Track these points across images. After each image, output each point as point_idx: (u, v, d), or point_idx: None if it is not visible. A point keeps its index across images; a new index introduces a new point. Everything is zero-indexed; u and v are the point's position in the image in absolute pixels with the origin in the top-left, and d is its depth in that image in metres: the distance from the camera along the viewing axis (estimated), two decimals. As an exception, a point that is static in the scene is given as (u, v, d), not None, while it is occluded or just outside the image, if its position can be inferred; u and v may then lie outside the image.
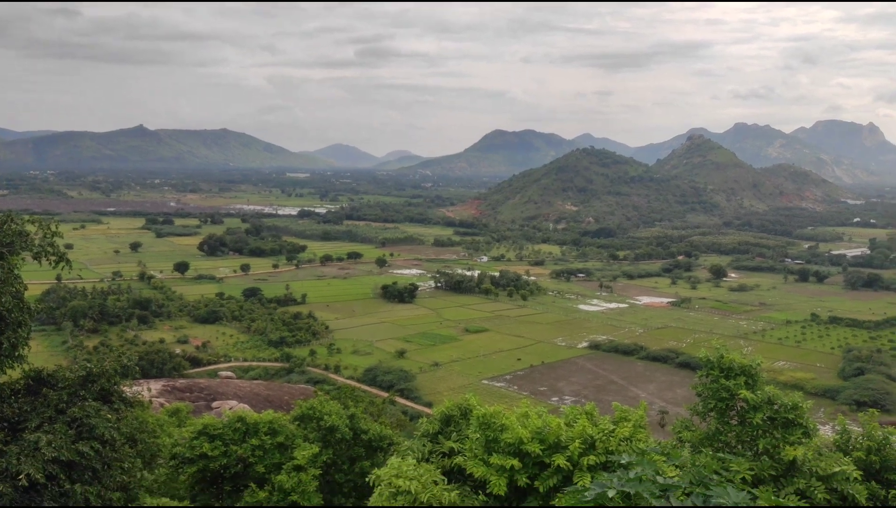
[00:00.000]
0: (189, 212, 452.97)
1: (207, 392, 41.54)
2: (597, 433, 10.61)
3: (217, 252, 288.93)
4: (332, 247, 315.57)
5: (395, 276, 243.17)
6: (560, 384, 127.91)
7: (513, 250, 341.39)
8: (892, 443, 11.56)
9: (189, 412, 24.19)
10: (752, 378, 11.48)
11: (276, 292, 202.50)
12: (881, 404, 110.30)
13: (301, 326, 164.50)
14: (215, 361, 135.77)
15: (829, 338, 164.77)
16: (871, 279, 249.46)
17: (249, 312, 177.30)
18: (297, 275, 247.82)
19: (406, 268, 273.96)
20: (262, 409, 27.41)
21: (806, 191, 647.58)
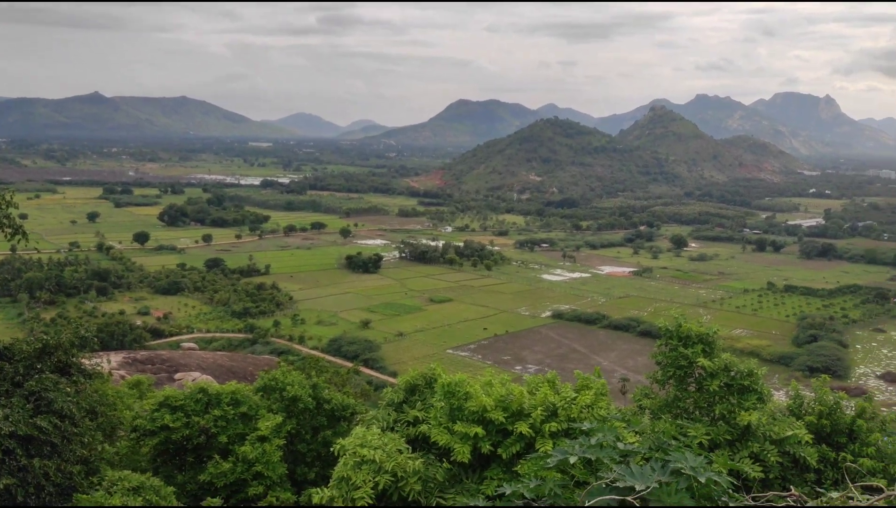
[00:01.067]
0: (148, 181, 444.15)
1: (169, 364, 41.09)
2: (559, 401, 10.75)
3: (178, 222, 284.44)
4: (295, 217, 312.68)
5: (360, 246, 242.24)
6: (523, 353, 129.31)
7: (477, 220, 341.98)
8: (842, 408, 11.91)
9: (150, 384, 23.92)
10: (710, 346, 11.70)
11: (239, 262, 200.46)
12: (833, 369, 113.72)
13: (265, 297, 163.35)
14: (177, 332, 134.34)
15: (784, 306, 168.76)
16: (826, 249, 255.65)
17: (212, 283, 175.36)
18: (260, 245, 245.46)
19: (370, 238, 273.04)
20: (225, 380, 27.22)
21: (764, 162, 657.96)
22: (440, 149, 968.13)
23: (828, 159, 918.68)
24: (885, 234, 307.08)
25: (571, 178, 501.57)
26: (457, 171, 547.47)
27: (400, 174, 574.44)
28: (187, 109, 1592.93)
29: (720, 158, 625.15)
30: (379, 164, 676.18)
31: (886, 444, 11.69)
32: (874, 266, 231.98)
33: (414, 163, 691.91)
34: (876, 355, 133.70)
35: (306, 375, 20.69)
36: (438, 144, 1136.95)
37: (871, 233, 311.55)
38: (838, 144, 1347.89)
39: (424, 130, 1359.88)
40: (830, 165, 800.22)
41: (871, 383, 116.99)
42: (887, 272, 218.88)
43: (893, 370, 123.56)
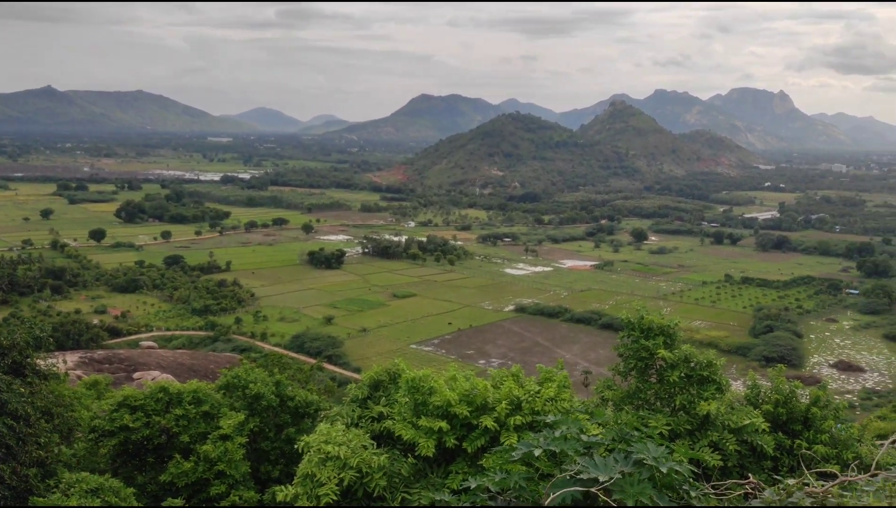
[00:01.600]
0: (104, 177, 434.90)
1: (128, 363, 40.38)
2: (523, 395, 10.82)
3: (135, 219, 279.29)
4: (256, 213, 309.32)
5: (322, 242, 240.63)
6: (487, 348, 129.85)
7: (440, 215, 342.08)
8: (798, 396, 12.19)
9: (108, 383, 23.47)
10: (670, 338, 11.87)
11: (199, 259, 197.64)
12: (788, 359, 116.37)
13: (226, 293, 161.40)
14: (136, 331, 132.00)
15: (741, 298, 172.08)
16: (780, 241, 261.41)
17: (172, 280, 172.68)
18: (221, 242, 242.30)
19: (333, 234, 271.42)
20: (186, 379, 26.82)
21: (721, 156, 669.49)
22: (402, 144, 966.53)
23: (782, 154, 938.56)
24: (837, 226, 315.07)
25: (533, 172, 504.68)
26: (419, 166, 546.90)
27: (362, 169, 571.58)
28: (144, 103, 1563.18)
29: (679, 152, 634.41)
30: (341, 159, 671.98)
31: (839, 431, 12.00)
32: (827, 258, 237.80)
33: (376, 158, 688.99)
34: (829, 344, 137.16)
35: (269, 372, 20.51)
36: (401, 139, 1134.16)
37: (823, 225, 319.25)
38: (792, 139, 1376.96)
39: (386, 125, 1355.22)
40: (785, 159, 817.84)
41: (824, 371, 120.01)
42: (839, 264, 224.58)
43: (846, 359, 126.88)
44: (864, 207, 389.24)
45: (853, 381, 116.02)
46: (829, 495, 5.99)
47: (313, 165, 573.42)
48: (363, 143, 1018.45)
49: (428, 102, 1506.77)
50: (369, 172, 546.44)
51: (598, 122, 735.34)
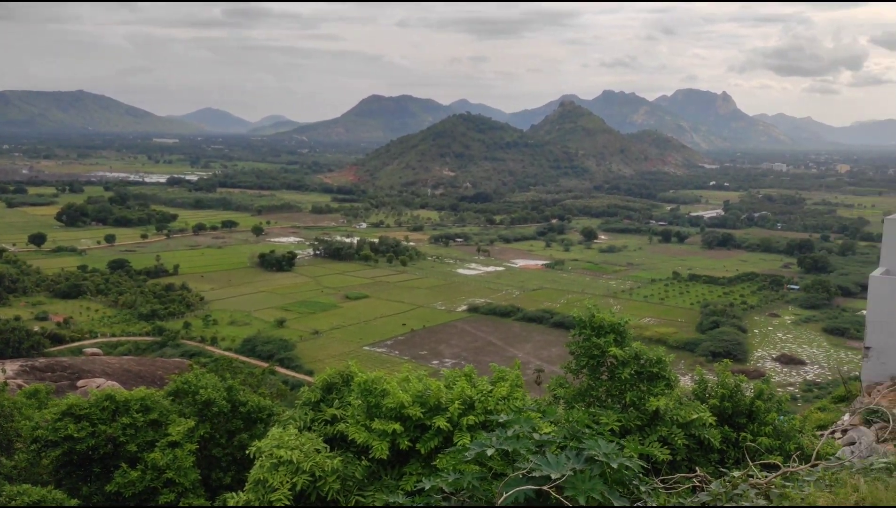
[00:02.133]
0: (44, 180, 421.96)
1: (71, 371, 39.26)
2: (475, 394, 10.85)
3: (78, 223, 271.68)
4: (205, 215, 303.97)
5: (273, 244, 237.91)
6: (440, 348, 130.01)
7: (392, 216, 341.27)
8: (743, 390, 12.49)
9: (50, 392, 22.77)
10: (621, 336, 12.05)
11: (145, 263, 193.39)
12: (734, 354, 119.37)
13: (174, 298, 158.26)
14: (80, 337, 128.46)
15: (688, 295, 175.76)
16: (725, 239, 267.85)
17: (117, 285, 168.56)
18: (168, 245, 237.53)
19: (284, 236, 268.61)
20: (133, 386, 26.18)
21: (668, 156, 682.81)
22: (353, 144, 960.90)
23: (726, 153, 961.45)
24: (779, 224, 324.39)
25: (484, 173, 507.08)
26: (370, 166, 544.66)
27: (313, 170, 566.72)
28: (85, 103, 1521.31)
29: (627, 152, 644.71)
30: (291, 160, 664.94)
31: (782, 423, 12.33)
32: (769, 254, 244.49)
33: (327, 159, 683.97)
34: (772, 338, 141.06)
35: (220, 377, 20.17)
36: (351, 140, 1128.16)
37: (766, 223, 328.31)
38: (735, 139, 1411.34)
39: (337, 126, 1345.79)
40: (728, 158, 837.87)
41: (767, 365, 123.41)
42: (781, 260, 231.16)
43: (788, 353, 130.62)
44: (804, 205, 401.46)
45: (795, 374, 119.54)
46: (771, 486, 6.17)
47: (263, 167, 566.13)
48: (314, 144, 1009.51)
49: (379, 103, 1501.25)
50: (320, 174, 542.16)
51: (547, 122, 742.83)
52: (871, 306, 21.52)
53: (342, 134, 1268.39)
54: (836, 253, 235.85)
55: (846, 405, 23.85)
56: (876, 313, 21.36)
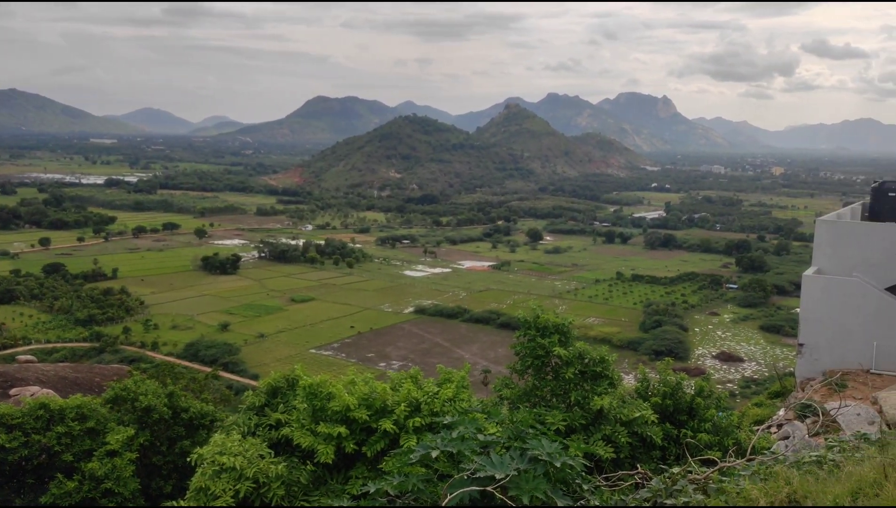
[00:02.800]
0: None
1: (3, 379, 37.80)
2: (422, 396, 10.85)
3: (10, 225, 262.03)
4: (145, 218, 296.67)
5: (217, 247, 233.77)
6: (387, 350, 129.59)
7: (338, 217, 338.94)
8: (684, 387, 12.78)
9: (-18, 401, 21.89)
10: (565, 336, 12.20)
11: (82, 266, 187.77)
12: (675, 352, 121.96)
13: (112, 302, 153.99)
14: (12, 344, 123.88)
15: (632, 294, 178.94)
16: (667, 239, 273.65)
17: (52, 289, 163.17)
18: (106, 248, 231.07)
19: (228, 238, 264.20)
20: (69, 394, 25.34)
21: (611, 158, 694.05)
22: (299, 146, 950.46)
23: (667, 156, 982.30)
24: (718, 225, 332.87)
25: (431, 174, 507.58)
26: (316, 168, 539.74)
27: (257, 172, 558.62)
28: (18, 102, 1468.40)
29: (571, 154, 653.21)
30: (235, 161, 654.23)
31: (721, 419, 12.66)
32: (709, 254, 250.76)
33: (272, 160, 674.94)
34: (712, 336, 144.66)
35: (161, 383, 19.70)
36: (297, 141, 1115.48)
37: (705, 224, 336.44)
38: (675, 142, 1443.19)
39: (282, 127, 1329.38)
40: (669, 161, 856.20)
41: (707, 363, 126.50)
42: (720, 260, 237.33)
43: (727, 350, 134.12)
44: (741, 206, 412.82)
45: (733, 371, 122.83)
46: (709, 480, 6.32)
47: (206, 168, 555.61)
48: (258, 145, 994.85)
49: (324, 104, 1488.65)
50: (265, 175, 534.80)
51: (493, 124, 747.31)
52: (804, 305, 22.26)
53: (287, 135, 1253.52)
54: (772, 253, 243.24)
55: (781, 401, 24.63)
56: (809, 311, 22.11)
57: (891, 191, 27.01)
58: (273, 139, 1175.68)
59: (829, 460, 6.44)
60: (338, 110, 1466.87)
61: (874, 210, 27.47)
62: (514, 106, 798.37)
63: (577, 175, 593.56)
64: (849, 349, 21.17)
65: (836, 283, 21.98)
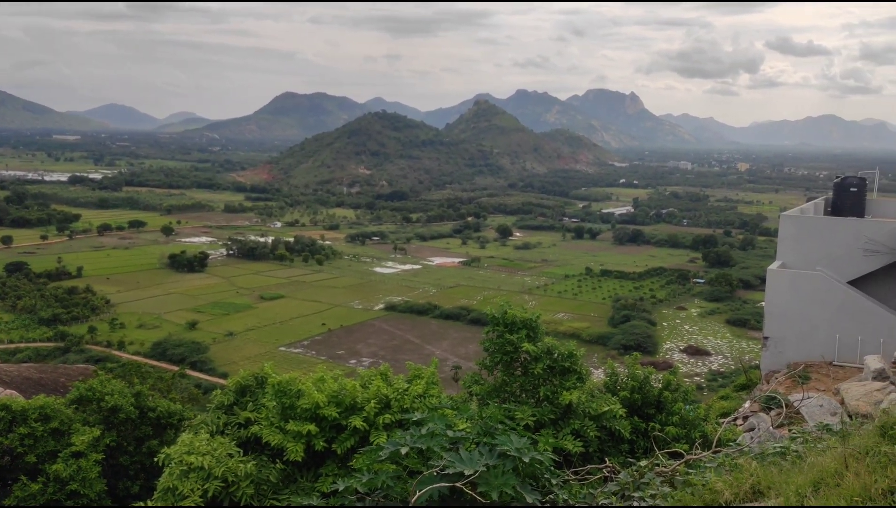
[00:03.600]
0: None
1: (-35, 381, 37.01)
2: (391, 393, 10.83)
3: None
4: (110, 215, 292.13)
5: (184, 244, 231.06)
6: (358, 347, 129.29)
7: (307, 214, 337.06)
8: (652, 381, 12.92)
9: (-58, 404, 21.39)
10: (534, 331, 12.24)
11: (46, 265, 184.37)
12: (644, 346, 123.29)
13: (77, 301, 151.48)
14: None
15: (601, 290, 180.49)
16: (635, 235, 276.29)
17: (14, 289, 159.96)
18: (70, 246, 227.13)
19: (195, 236, 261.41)
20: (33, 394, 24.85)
21: (580, 154, 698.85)
22: (267, 142, 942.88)
23: (635, 152, 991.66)
24: (685, 220, 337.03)
25: (400, 171, 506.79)
26: (285, 165, 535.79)
27: (225, 169, 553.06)
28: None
29: (540, 150, 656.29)
30: (202, 158, 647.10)
31: (688, 412, 12.81)
32: (676, 250, 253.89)
33: (240, 157, 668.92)
34: (679, 331, 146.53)
35: (127, 382, 19.43)
36: (265, 138, 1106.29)
37: (672, 219, 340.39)
38: (643, 138, 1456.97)
39: (250, 124, 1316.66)
40: (637, 157, 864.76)
41: (675, 356, 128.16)
42: (687, 255, 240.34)
43: (694, 344, 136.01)
44: (708, 201, 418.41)
45: (700, 364, 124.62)
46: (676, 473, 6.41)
47: (172, 165, 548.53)
48: (226, 141, 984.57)
49: (293, 100, 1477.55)
50: (233, 172, 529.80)
51: (462, 121, 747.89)
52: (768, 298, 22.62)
53: (255, 132, 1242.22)
54: (738, 248, 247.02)
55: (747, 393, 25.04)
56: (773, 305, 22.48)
57: (852, 187, 27.59)
58: (241, 136, 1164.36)
59: (792, 451, 6.56)
60: (306, 107, 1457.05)
61: (836, 205, 28.02)
62: (484, 102, 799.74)
63: (546, 171, 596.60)
64: (812, 341, 21.58)
65: (799, 277, 22.37)
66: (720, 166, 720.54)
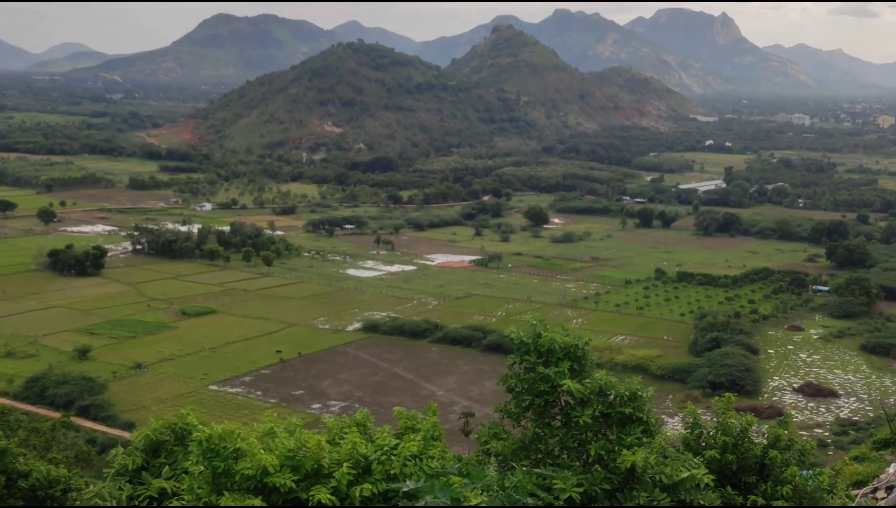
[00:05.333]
0: None
1: None
2: (373, 452, 10.84)
3: None
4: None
5: (71, 236, 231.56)
6: (323, 385, 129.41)
7: (250, 192, 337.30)
8: (752, 436, 12.89)
9: None
10: (580, 363, 12.22)
11: None
12: (740, 384, 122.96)
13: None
14: None
15: (677, 301, 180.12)
16: (728, 221, 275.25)
17: None
18: None
19: (87, 223, 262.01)
20: None
21: (647, 104, 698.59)
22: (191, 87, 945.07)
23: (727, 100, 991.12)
24: (801, 200, 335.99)
25: (385, 128, 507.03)
26: (216, 120, 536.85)
27: (131, 126, 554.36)
28: None
29: (589, 98, 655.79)
30: (97, 110, 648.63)
31: (805, 480, 12.78)
32: (788, 243, 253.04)
33: (152, 109, 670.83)
34: (792, 361, 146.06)
35: (-13, 437, 19.52)
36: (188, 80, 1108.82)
37: (783, 199, 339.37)
38: (739, 80, 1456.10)
39: (166, 60, 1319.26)
40: (730, 107, 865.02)
41: (787, 399, 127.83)
42: (804, 251, 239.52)
43: (814, 381, 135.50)
44: (834, 172, 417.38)
45: (824, 410, 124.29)
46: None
47: (54, 120, 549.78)
48: (131, 86, 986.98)
49: (228, 26, 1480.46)
50: (141, 130, 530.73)
51: (476, 55, 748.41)
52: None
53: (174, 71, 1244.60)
54: (878, 240, 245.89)
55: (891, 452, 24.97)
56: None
57: None
58: (153, 77, 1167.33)
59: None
60: (248, 35, 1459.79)
61: None
62: (507, 29, 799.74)
63: (597, 129, 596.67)
64: None
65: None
66: (852, 122, 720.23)
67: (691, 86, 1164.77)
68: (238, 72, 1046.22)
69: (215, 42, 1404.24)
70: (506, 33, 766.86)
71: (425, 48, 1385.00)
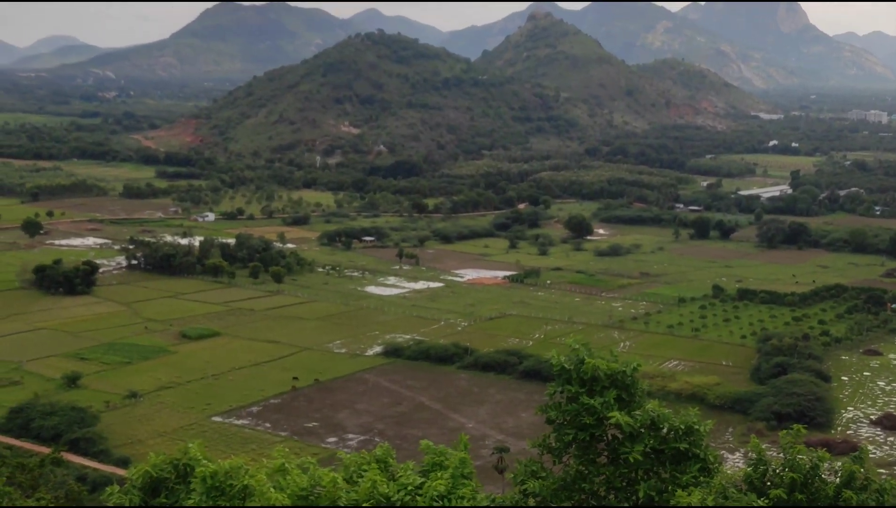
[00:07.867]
0: None
1: None
2: (395, 492, 10.87)
3: None
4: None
5: (59, 250, 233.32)
6: (340, 416, 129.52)
7: (257, 200, 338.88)
8: (824, 473, 12.81)
9: None
10: (628, 392, 12.20)
11: None
12: (809, 416, 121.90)
13: None
14: None
15: (738, 322, 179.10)
16: (795, 232, 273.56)
17: None
18: None
19: (77, 236, 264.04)
20: None
21: (702, 100, 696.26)
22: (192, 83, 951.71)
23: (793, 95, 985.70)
24: (878, 207, 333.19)
25: (408, 129, 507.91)
26: (220, 120, 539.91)
27: (125, 127, 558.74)
28: None
29: (637, 94, 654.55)
30: (88, 110, 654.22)
31: (884, 524, 12.69)
32: (863, 256, 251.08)
33: (148, 108, 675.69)
34: (869, 390, 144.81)
35: (-33, 474, 19.70)
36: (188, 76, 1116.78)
37: (857, 206, 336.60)
38: (807, 72, 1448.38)
39: (164, 54, 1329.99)
40: (797, 103, 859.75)
41: (863, 432, 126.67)
42: (881, 265, 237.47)
43: (894, 412, 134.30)
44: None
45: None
46: None
47: (40, 121, 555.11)
48: (126, 83, 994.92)
49: (234, 15, 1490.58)
50: (137, 132, 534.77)
51: (510, 46, 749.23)
52: None
53: (173, 66, 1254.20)
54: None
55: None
56: None
57: None
58: (150, 73, 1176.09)
59: None
60: (256, 26, 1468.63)
61: None
62: (544, 17, 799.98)
63: (646, 128, 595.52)
64: None
65: None
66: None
67: (752, 79, 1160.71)
68: (244, 67, 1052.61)
69: (219, 34, 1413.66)
70: (543, 22, 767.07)
71: (453, 39, 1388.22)
